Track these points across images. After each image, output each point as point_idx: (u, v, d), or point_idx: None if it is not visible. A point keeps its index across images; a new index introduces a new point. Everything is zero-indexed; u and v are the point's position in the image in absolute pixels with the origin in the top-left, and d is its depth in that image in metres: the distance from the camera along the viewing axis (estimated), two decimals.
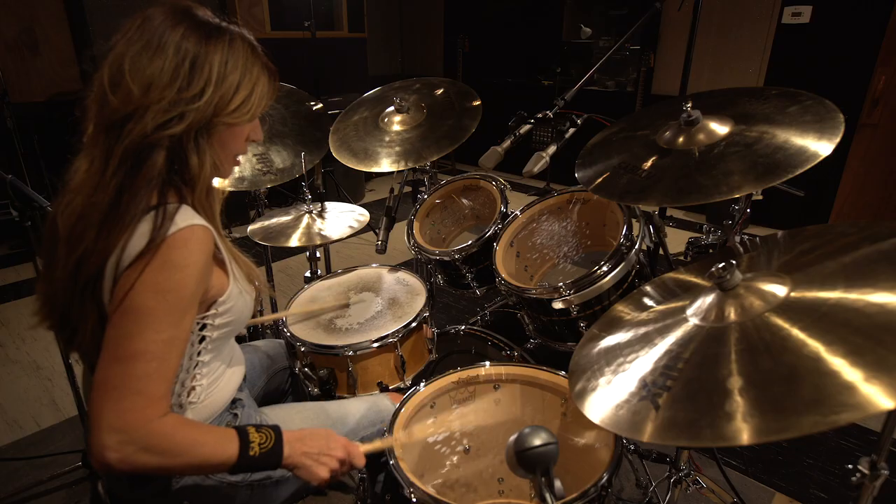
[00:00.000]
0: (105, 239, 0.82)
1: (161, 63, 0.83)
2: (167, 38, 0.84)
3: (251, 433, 0.89)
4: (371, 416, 1.23)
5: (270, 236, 1.68)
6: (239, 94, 0.90)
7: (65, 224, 0.86)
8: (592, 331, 1.02)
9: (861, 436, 2.12)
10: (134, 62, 0.83)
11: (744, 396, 0.65)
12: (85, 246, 0.83)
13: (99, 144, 0.85)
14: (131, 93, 0.83)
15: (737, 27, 4.14)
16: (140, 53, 0.84)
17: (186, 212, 0.87)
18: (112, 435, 0.77)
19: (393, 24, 6.65)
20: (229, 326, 1.00)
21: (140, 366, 0.79)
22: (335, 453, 0.96)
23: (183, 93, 0.84)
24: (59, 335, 0.95)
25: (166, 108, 0.84)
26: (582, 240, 1.71)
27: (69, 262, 0.85)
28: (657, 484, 1.65)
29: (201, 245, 0.86)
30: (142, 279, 0.80)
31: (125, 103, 0.83)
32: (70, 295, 0.86)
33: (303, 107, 2.08)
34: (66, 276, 0.86)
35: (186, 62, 0.85)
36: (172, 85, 0.84)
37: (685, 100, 1.20)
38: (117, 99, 0.83)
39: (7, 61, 3.77)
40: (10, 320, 3.03)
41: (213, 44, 0.87)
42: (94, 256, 0.83)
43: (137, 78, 0.83)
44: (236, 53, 0.89)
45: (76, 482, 1.90)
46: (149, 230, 0.82)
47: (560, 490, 0.75)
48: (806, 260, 0.85)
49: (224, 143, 0.94)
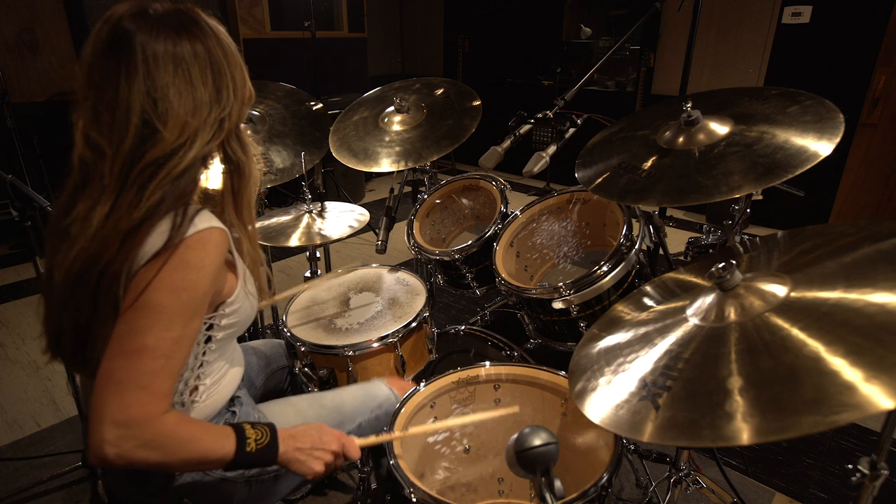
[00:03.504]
0: (127, 247, 0.81)
1: (194, 81, 0.83)
2: (181, 53, 0.82)
3: (247, 430, 0.89)
4: (368, 403, 1.23)
5: (270, 236, 1.68)
6: (244, 72, 0.91)
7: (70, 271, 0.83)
8: (592, 331, 1.02)
9: (861, 436, 2.12)
10: (164, 89, 0.81)
11: (744, 396, 0.65)
12: (106, 259, 0.81)
13: (129, 183, 0.81)
14: (185, 121, 0.82)
15: (737, 27, 4.13)
16: (173, 80, 0.81)
17: (205, 214, 0.88)
18: (113, 429, 0.76)
19: (393, 24, 6.65)
20: (234, 327, 1.01)
21: (147, 362, 0.79)
22: (329, 446, 0.96)
23: (217, 104, 0.85)
24: (71, 365, 0.95)
25: (212, 123, 0.85)
26: (582, 240, 1.71)
27: (83, 289, 0.83)
28: (657, 484, 1.65)
29: (217, 248, 0.87)
30: (159, 277, 0.80)
31: (180, 133, 0.82)
32: (88, 328, 0.86)
33: (303, 107, 2.08)
34: (81, 318, 0.85)
35: (208, 70, 0.84)
36: (208, 97, 0.84)
37: (685, 100, 1.20)
38: (170, 132, 0.81)
39: (7, 61, 3.77)
40: (10, 320, 3.03)
41: (207, 37, 0.86)
42: (116, 264, 0.81)
43: (185, 104, 0.82)
44: (220, 34, 0.88)
45: (76, 482, 1.90)
46: (167, 230, 0.82)
47: (560, 490, 0.75)
48: (806, 260, 0.85)
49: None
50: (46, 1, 3.85)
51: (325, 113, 2.09)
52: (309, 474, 0.94)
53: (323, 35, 5.17)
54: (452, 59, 6.07)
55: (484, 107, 1.87)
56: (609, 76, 5.22)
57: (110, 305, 0.83)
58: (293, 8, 5.05)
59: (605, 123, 1.49)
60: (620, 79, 5.14)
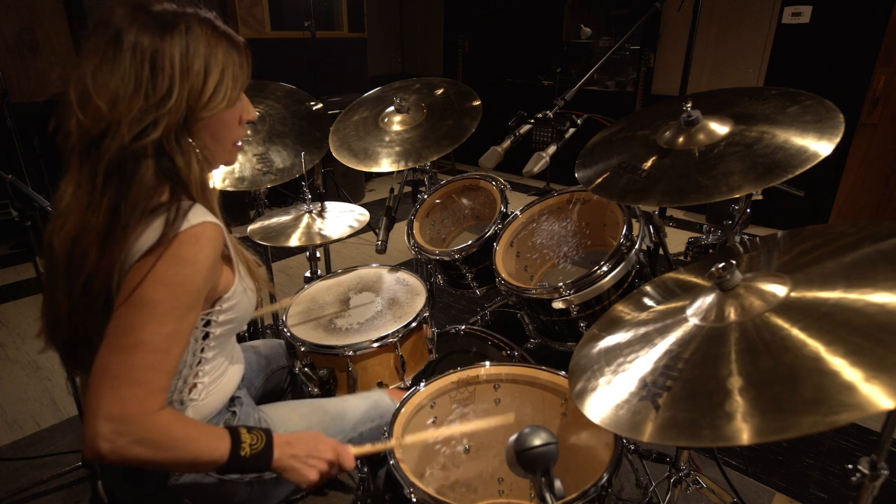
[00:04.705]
0: (109, 256, 0.82)
1: (121, 72, 0.81)
2: (122, 43, 0.81)
3: (243, 434, 0.88)
4: (371, 413, 1.23)
5: (270, 236, 1.68)
6: (209, 82, 0.86)
7: (61, 247, 0.85)
8: (592, 331, 1.02)
9: (861, 436, 2.12)
10: (96, 77, 0.81)
11: (744, 396, 0.65)
12: (89, 267, 0.83)
13: (82, 165, 0.84)
14: (100, 109, 0.81)
15: (737, 27, 4.14)
16: (99, 67, 0.81)
17: (199, 209, 0.87)
18: (107, 424, 0.76)
19: (393, 24, 6.65)
20: (233, 323, 1.01)
21: (142, 356, 0.79)
22: (324, 455, 0.96)
23: (150, 98, 0.82)
24: (65, 358, 0.95)
25: (138, 118, 0.81)
26: (582, 240, 1.71)
27: (75, 286, 0.84)
28: (657, 484, 1.65)
29: (212, 242, 0.87)
30: (153, 272, 0.80)
31: (96, 121, 0.81)
32: (80, 315, 0.86)
33: (303, 107, 2.08)
34: (73, 298, 0.85)
35: (146, 65, 0.81)
36: (138, 93, 0.81)
37: (685, 100, 1.20)
38: (88, 118, 0.81)
39: (7, 61, 3.78)
40: (10, 320, 3.03)
41: (170, 36, 0.82)
42: (101, 273, 0.82)
43: (102, 93, 0.81)
44: (196, 39, 0.84)
45: (76, 482, 1.90)
46: (161, 225, 0.82)
47: (560, 490, 0.75)
48: (806, 260, 0.85)
49: (214, 134, 0.92)
50: (46, 1, 3.85)
51: (325, 113, 2.09)
52: (303, 483, 0.93)
53: (323, 35, 5.17)
54: (452, 59, 6.07)
55: (484, 107, 1.87)
56: (609, 76, 5.22)
57: (102, 299, 0.84)
58: (293, 8, 5.05)
59: (605, 123, 1.49)
60: (620, 79, 5.14)
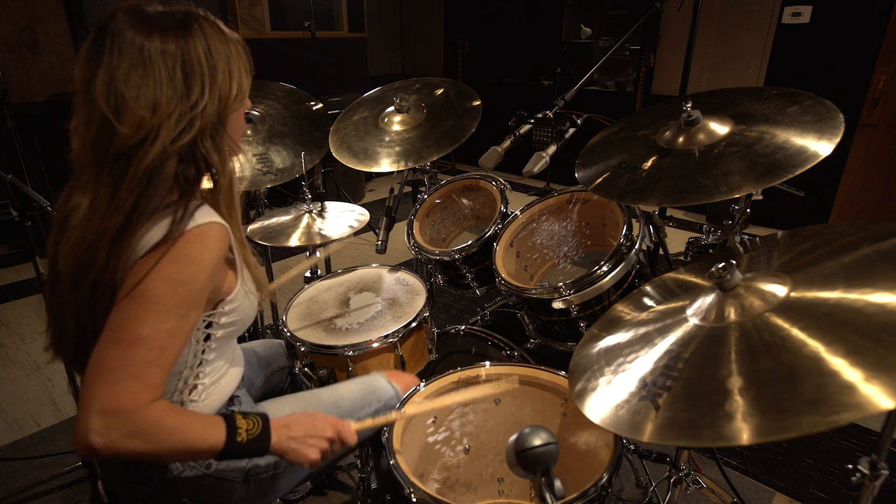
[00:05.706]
0: (116, 253, 0.82)
1: (156, 77, 0.81)
2: (147, 49, 0.81)
3: (238, 420, 0.89)
4: (366, 397, 1.22)
5: (270, 236, 1.68)
6: (233, 78, 0.89)
7: (69, 257, 0.84)
8: (592, 331, 1.02)
9: (861, 436, 2.12)
10: (130, 84, 0.81)
11: (744, 396, 0.65)
12: (97, 267, 0.82)
13: (103, 176, 0.83)
14: (140, 117, 0.81)
15: (737, 27, 4.13)
16: (130, 74, 0.81)
17: (206, 209, 0.88)
18: (100, 418, 0.76)
19: (393, 24, 6.65)
20: (234, 326, 1.01)
21: (140, 352, 0.79)
22: (323, 433, 0.96)
23: (185, 101, 0.83)
24: (74, 363, 0.95)
25: (177, 121, 0.83)
26: (582, 240, 1.71)
27: (83, 289, 0.84)
28: (657, 484, 1.65)
29: (217, 243, 0.87)
30: (156, 268, 0.80)
31: (138, 129, 0.81)
32: (88, 317, 0.86)
33: (303, 107, 2.08)
34: (82, 302, 0.85)
35: (178, 69, 0.82)
36: (175, 96, 0.82)
37: (685, 100, 1.20)
38: (127, 127, 0.81)
39: (7, 61, 3.77)
40: (10, 320, 3.03)
41: (190, 37, 0.84)
42: (108, 271, 0.82)
43: (142, 99, 0.81)
44: (211, 37, 0.86)
45: (76, 482, 1.90)
46: (168, 223, 0.82)
47: (560, 490, 0.75)
48: (806, 260, 0.85)
49: (233, 127, 0.95)
50: (46, 1, 3.85)
51: (325, 113, 2.09)
52: (305, 463, 0.94)
53: (323, 35, 5.17)
54: (452, 59, 6.06)
55: (484, 107, 1.87)
56: (609, 76, 5.22)
57: (108, 294, 0.84)
58: (293, 8, 5.05)
59: (605, 123, 1.49)
60: (620, 79, 5.14)
